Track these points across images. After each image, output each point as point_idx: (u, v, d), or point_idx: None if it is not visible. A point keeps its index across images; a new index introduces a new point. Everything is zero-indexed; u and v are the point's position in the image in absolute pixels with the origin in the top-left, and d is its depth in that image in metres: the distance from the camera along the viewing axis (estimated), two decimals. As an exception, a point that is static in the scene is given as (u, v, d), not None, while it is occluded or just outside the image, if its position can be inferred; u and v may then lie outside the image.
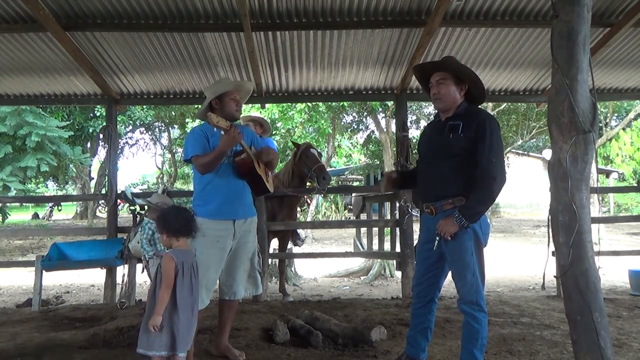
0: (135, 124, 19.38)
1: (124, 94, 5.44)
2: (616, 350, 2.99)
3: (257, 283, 3.18)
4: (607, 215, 16.77)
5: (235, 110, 3.03)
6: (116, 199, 5.33)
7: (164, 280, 2.38)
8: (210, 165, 2.87)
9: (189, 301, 2.46)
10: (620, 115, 21.03)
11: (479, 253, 2.54)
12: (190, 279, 2.47)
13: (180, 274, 2.41)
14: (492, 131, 2.48)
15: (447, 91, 2.61)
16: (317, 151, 5.24)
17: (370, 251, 7.21)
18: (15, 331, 3.73)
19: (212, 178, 2.94)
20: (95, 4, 3.88)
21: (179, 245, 2.53)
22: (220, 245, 2.91)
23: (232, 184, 2.99)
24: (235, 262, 3.03)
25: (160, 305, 2.34)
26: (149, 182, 28.69)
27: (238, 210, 3.00)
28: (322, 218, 17.59)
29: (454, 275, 2.62)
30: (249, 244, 3.10)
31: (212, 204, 2.92)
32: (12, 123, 11.85)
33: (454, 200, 2.53)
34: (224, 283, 3.06)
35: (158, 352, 2.34)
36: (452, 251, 2.56)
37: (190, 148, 2.95)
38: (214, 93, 3.02)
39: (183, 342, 2.39)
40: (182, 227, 2.53)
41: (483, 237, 2.55)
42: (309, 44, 4.54)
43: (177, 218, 2.55)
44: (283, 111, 11.52)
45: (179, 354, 2.38)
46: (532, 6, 4.06)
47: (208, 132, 2.98)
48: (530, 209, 21.22)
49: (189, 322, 2.45)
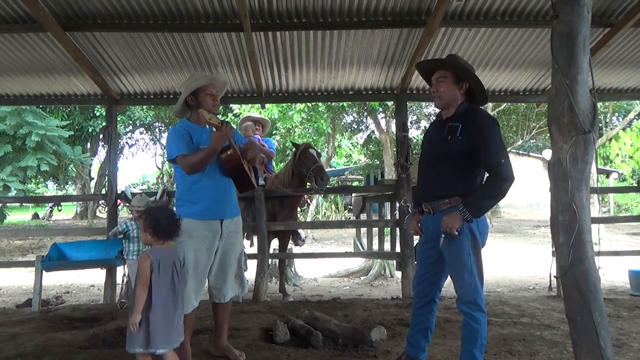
0: (135, 124, 19.40)
1: (124, 94, 5.44)
2: (616, 350, 2.98)
3: (243, 283, 3.13)
4: (607, 216, 16.76)
5: (213, 105, 2.91)
6: (116, 199, 5.33)
7: (139, 278, 2.38)
8: (200, 164, 2.78)
9: (170, 299, 2.43)
10: (620, 115, 21.04)
11: (476, 253, 2.54)
12: (171, 277, 2.44)
13: (157, 271, 2.39)
14: (495, 132, 2.49)
15: (446, 89, 2.61)
16: (316, 151, 5.23)
17: (370, 251, 7.21)
18: (15, 331, 3.73)
19: (199, 177, 2.84)
20: (95, 4, 3.88)
21: (159, 244, 2.51)
22: (208, 246, 2.86)
23: (219, 183, 2.92)
24: (225, 264, 2.98)
25: (139, 304, 2.34)
26: (149, 182, 28.68)
27: (225, 209, 2.94)
28: (322, 218, 17.58)
29: (452, 275, 2.63)
30: (237, 245, 3.05)
31: (200, 204, 2.84)
32: (12, 123, 11.85)
33: (450, 201, 2.54)
34: (213, 286, 3.01)
35: (136, 350, 2.35)
36: (449, 251, 2.57)
37: (174, 147, 2.83)
38: (189, 89, 2.92)
39: (162, 340, 2.36)
40: (170, 232, 2.53)
41: (480, 237, 2.56)
42: (309, 44, 4.54)
43: (168, 222, 2.53)
44: (282, 111, 11.51)
45: (156, 351, 2.36)
46: (532, 6, 4.06)
47: (191, 129, 2.89)
48: (530, 209, 21.22)
49: (168, 319, 2.40)
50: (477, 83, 2.63)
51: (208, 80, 2.98)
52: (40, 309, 4.60)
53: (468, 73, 2.62)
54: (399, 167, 5.25)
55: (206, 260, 2.88)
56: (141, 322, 2.33)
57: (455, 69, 2.62)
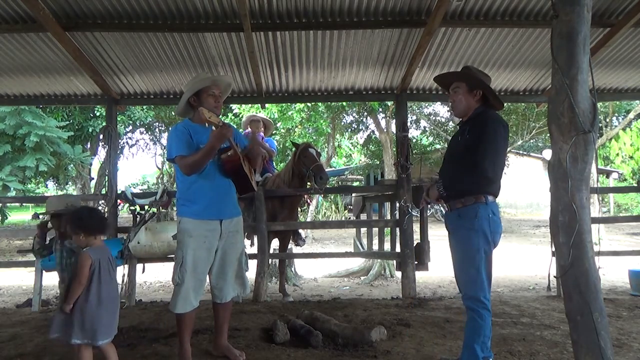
0: (135, 124, 19.34)
1: (124, 94, 5.44)
2: (616, 350, 2.99)
3: (244, 283, 3.13)
4: (607, 216, 16.76)
5: (214, 106, 2.92)
6: (116, 199, 5.33)
7: (80, 276, 2.45)
8: (197, 164, 2.78)
9: (112, 293, 2.57)
10: (620, 115, 21.03)
11: (486, 251, 2.63)
12: (109, 273, 2.56)
13: (97, 271, 2.48)
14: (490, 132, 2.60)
15: (459, 99, 2.80)
16: (315, 151, 5.23)
17: (370, 251, 7.20)
18: (15, 331, 3.73)
19: (198, 177, 2.86)
20: (95, 4, 3.88)
21: (95, 243, 2.56)
22: (207, 245, 2.87)
23: (219, 183, 2.92)
24: (225, 263, 2.98)
25: (72, 297, 2.42)
26: (149, 182, 28.65)
27: (225, 209, 2.95)
28: (322, 218, 17.57)
29: (458, 270, 2.73)
30: (237, 244, 3.05)
31: (199, 204, 2.86)
32: (12, 123, 11.85)
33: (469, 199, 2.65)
34: (214, 286, 3.02)
35: (77, 341, 2.43)
36: (458, 247, 2.69)
37: (174, 147, 2.83)
38: (191, 90, 2.93)
39: (105, 332, 2.49)
40: (98, 226, 2.58)
41: (491, 235, 2.64)
42: (309, 44, 4.54)
43: (92, 217, 2.57)
44: (282, 111, 11.52)
45: (98, 343, 2.47)
46: (532, 6, 4.06)
47: (191, 129, 2.89)
48: (530, 209, 21.20)
49: (112, 312, 2.55)
50: (489, 90, 2.78)
51: (211, 82, 2.98)
52: (40, 309, 4.61)
53: (479, 83, 2.77)
54: (399, 167, 5.25)
55: (205, 260, 2.88)
56: (85, 315, 2.42)
57: (466, 80, 2.79)
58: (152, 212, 5.00)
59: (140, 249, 4.58)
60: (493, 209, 2.66)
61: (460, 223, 2.70)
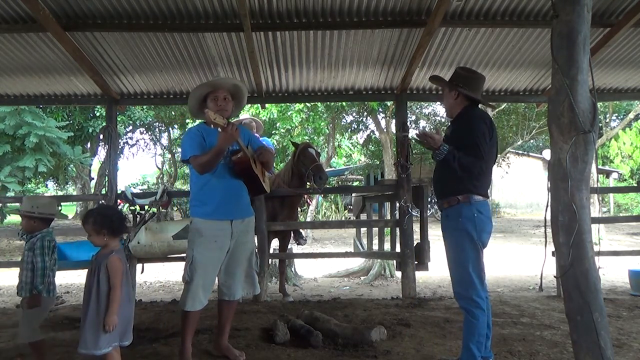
0: (135, 124, 19.35)
1: (124, 94, 5.44)
2: (616, 350, 2.99)
3: (254, 283, 3.17)
4: (607, 216, 16.75)
5: (217, 109, 2.93)
6: (116, 199, 5.32)
7: (117, 281, 2.41)
8: (208, 164, 2.85)
9: (131, 294, 2.61)
10: (620, 115, 21.03)
11: (473, 250, 2.65)
12: (129, 273, 2.60)
13: (125, 272, 2.50)
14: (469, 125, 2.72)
15: (444, 100, 2.96)
16: (315, 150, 5.23)
17: (370, 251, 7.20)
18: (15, 331, 3.72)
19: (209, 178, 2.92)
20: (95, 4, 3.88)
21: (114, 244, 2.54)
22: (218, 245, 2.91)
23: (229, 184, 2.98)
24: (234, 262, 3.03)
25: (116, 307, 2.39)
26: (149, 182, 28.62)
27: (235, 210, 3.00)
28: (322, 218, 17.56)
29: (450, 269, 2.78)
30: (247, 244, 3.10)
31: (210, 205, 2.92)
32: (12, 123, 11.84)
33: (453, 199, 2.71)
34: (223, 284, 3.07)
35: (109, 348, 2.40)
36: (447, 247, 2.76)
37: (187, 148, 2.93)
38: (194, 99, 3.05)
39: (129, 332, 2.52)
40: (122, 226, 2.58)
41: (477, 234, 2.66)
42: (309, 44, 4.54)
43: (119, 217, 2.57)
44: (282, 111, 11.52)
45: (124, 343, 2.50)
46: (532, 6, 4.06)
47: (204, 131, 2.97)
48: (530, 209, 21.19)
49: (132, 312, 2.58)
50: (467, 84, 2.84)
51: (211, 86, 3.04)
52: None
53: (450, 84, 2.88)
54: (399, 167, 5.25)
55: (216, 259, 2.93)
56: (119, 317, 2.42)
57: (442, 82, 2.96)
58: (152, 212, 5.00)
59: (140, 249, 4.58)
60: (479, 208, 2.68)
61: (447, 224, 2.77)
